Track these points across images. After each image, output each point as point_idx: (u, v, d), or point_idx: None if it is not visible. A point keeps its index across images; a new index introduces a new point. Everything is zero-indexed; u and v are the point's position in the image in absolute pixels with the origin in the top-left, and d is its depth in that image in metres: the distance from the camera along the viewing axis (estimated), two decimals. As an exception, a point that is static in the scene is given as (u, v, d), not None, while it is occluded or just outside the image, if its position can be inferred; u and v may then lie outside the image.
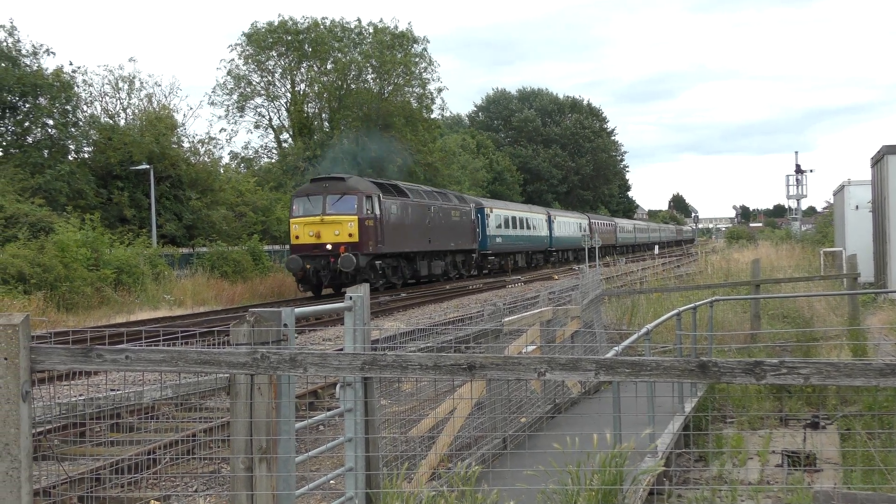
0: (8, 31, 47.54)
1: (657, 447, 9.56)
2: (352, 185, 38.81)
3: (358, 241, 37.29)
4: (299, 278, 37.87)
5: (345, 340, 6.76)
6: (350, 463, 6.56)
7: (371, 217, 38.29)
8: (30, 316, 4.67)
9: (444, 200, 49.28)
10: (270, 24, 66.70)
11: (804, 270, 32.79)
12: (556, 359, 4.44)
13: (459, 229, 50.64)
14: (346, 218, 37.56)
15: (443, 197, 50.13)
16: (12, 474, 4.42)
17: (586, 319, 15.59)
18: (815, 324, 20.39)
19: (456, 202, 51.55)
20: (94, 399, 7.71)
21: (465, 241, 51.55)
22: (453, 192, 55.60)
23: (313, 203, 38.38)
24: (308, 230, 37.78)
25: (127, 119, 55.03)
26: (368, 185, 39.88)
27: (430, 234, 45.14)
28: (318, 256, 37.23)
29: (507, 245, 61.05)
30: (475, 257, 54.39)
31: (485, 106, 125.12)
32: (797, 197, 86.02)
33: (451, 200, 50.79)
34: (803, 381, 4.23)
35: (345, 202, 38.04)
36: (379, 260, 39.44)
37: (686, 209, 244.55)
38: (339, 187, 38.66)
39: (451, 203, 50.22)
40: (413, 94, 70.32)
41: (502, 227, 59.76)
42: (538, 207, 77.18)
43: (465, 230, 51.81)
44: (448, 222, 48.62)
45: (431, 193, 48.50)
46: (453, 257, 50.25)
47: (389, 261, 40.98)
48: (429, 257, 45.84)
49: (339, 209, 37.86)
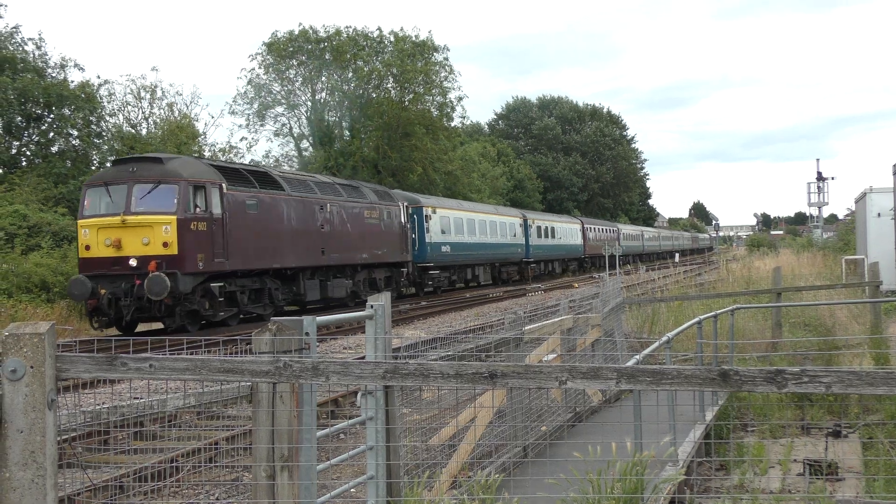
0: (36, 43, 48.06)
1: (678, 456, 9.54)
2: (172, 170, 26.27)
3: (178, 254, 25.24)
4: (91, 309, 25.54)
5: (366, 349, 6.79)
6: (371, 471, 6.59)
7: (203, 217, 26.25)
8: (55, 324, 4.72)
9: (351, 196, 36.30)
10: (291, 34, 66.90)
11: (826, 278, 32.66)
12: (577, 367, 4.45)
13: (380, 236, 37.94)
14: (159, 219, 25.37)
15: (350, 191, 37.00)
16: (38, 482, 4.46)
17: (607, 328, 15.58)
18: (837, 332, 20.31)
19: (375, 199, 38.45)
20: (117, 407, 7.77)
21: (389, 251, 38.77)
22: (371, 185, 42.43)
23: (114, 196, 25.97)
24: (103, 237, 25.60)
25: (149, 128, 55.33)
26: (202, 170, 27.31)
27: (325, 242, 32.72)
28: (118, 277, 25.25)
29: (459, 255, 49.15)
30: (408, 272, 41.99)
31: (505, 114, 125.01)
32: (818, 204, 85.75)
33: (365, 196, 37.73)
34: (825, 389, 4.23)
35: (160, 195, 25.73)
36: (220, 282, 27.15)
37: (707, 217, 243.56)
38: (152, 172, 26.21)
39: (364, 200, 37.23)
40: (433, 102, 70.36)
41: (451, 232, 48.21)
42: (509, 209, 65.04)
43: (391, 237, 39.03)
44: (359, 226, 35.94)
45: (329, 186, 35.33)
46: (368, 274, 37.53)
47: (245, 282, 28.80)
48: (323, 275, 33.34)
49: (149, 205, 25.63)
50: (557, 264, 69.68)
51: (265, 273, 29.65)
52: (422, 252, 44.04)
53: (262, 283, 29.63)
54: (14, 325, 4.57)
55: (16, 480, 4.44)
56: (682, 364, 14.86)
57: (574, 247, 73.37)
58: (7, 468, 4.45)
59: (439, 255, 46.15)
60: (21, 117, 45.67)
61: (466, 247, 50.17)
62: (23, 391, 4.45)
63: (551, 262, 68.17)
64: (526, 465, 9.25)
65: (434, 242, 45.44)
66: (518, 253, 59.38)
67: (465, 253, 50.09)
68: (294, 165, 67.95)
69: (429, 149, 66.07)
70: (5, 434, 4.45)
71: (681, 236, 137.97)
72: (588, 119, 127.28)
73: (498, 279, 56.54)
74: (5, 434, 4.45)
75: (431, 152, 66.46)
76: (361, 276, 36.67)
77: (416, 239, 43.61)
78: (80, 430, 11.00)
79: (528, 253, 60.97)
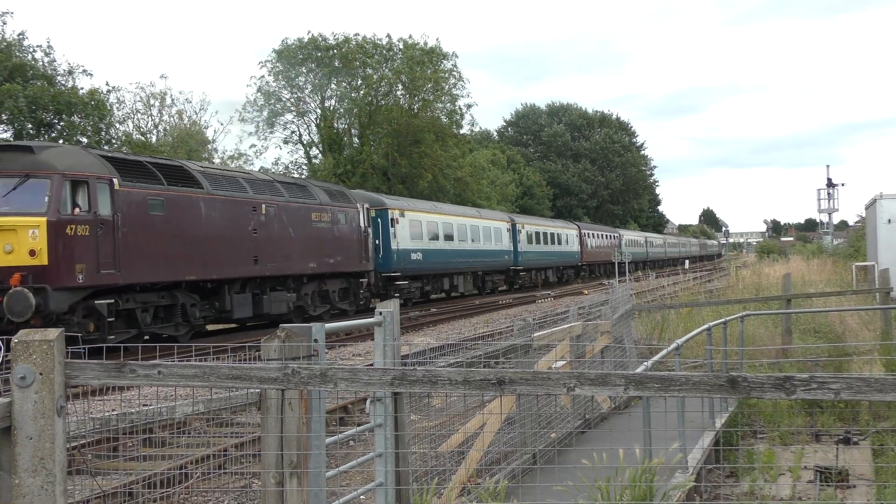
0: (44, 50, 48.25)
1: (688, 462, 9.52)
2: (45, 161, 21.64)
3: (48, 265, 20.72)
4: None
5: (375, 355, 6.80)
6: (380, 478, 6.59)
7: (85, 220, 21.62)
8: (64, 331, 4.73)
9: (295, 196, 31.37)
10: (300, 41, 67.07)
11: (836, 285, 32.59)
12: (586, 374, 4.45)
13: (333, 242, 32.95)
14: (25, 220, 20.78)
15: (294, 190, 31.91)
16: (47, 488, 4.47)
17: (616, 334, 15.57)
18: (847, 339, 20.28)
19: (326, 200, 33.26)
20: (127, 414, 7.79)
21: (345, 260, 33.80)
22: (323, 184, 37.56)
23: None
24: None
25: (158, 135, 55.51)
26: (85, 161, 22.51)
27: (258, 249, 28.03)
28: None
29: (433, 263, 44.26)
30: (368, 283, 36.60)
31: (514, 121, 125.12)
32: (828, 211, 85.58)
33: (313, 196, 32.58)
34: (834, 396, 4.22)
35: (27, 192, 21.18)
36: (109, 298, 22.33)
37: (716, 223, 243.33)
38: (18, 163, 21.61)
39: (312, 201, 32.19)
40: (443, 109, 70.42)
41: (423, 237, 43.38)
42: (495, 212, 59.79)
43: (347, 243, 34.07)
44: (306, 231, 31.09)
45: (267, 184, 30.34)
46: (318, 285, 32.75)
47: (148, 298, 24.11)
48: (258, 287, 28.56)
49: (14, 204, 21.01)
50: (552, 272, 65.08)
51: (177, 286, 24.84)
52: (386, 260, 39.35)
53: (172, 299, 24.87)
54: (23, 332, 4.58)
55: (25, 487, 4.45)
56: (692, 371, 14.85)
57: (570, 253, 69.40)
58: (17, 475, 4.46)
59: (408, 264, 41.30)
60: (31, 124, 45.80)
61: (442, 254, 45.30)
62: (32, 398, 4.46)
63: (544, 271, 63.67)
64: (535, 472, 9.24)
65: (402, 249, 40.70)
66: (505, 260, 54.92)
67: (441, 261, 45.20)
68: (303, 173, 68.08)
69: (438, 156, 66.10)
70: (15, 441, 4.47)
71: (688, 243, 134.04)
72: (597, 126, 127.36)
73: (482, 289, 52.33)
74: (15, 441, 4.47)
75: (441, 159, 66.50)
76: (309, 289, 32.01)
77: (381, 245, 39.12)
78: (89, 436, 11.01)
79: (517, 260, 56.60)
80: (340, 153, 66.15)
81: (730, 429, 12.78)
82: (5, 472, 4.50)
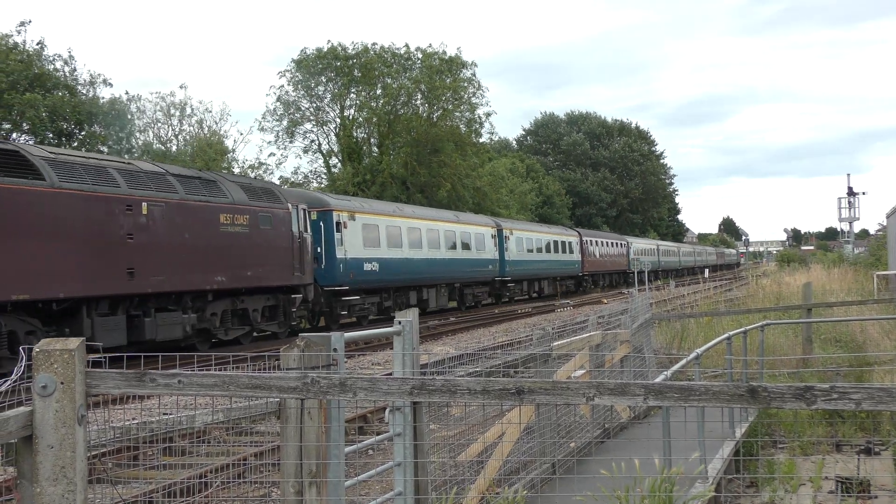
0: (65, 60, 48.58)
1: (707, 472, 9.48)
2: None
3: None
4: None
5: (394, 365, 6.80)
6: (399, 487, 6.59)
7: None
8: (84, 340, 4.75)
9: (194, 192, 25.02)
10: (320, 51, 67.25)
11: (857, 294, 32.43)
12: (605, 383, 4.44)
13: (252, 250, 26.80)
14: None
15: (194, 185, 25.33)
16: (68, 497, 4.49)
17: (636, 344, 15.52)
18: (869, 348, 20.15)
19: (242, 198, 26.98)
20: (147, 423, 7.80)
21: (270, 271, 27.75)
22: (240, 179, 30.88)
23: None
24: None
25: (178, 145, 55.78)
26: None
27: (134, 259, 22.48)
28: None
29: (395, 276, 37.76)
30: (304, 299, 30.74)
31: (533, 130, 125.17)
32: (849, 219, 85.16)
33: (224, 194, 26.21)
34: (855, 406, 4.20)
35: None
36: None
37: (736, 232, 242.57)
38: None
39: (221, 199, 25.90)
40: (462, 118, 70.48)
41: (381, 244, 36.92)
42: (477, 217, 52.54)
43: (274, 251, 27.96)
44: (211, 236, 25.14)
45: (151, 177, 24.09)
46: (233, 303, 26.82)
47: None
48: (137, 308, 23.07)
49: None
50: (547, 284, 59.04)
51: (1, 310, 19.23)
52: (331, 271, 33.07)
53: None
54: (45, 342, 4.61)
55: (47, 496, 4.47)
56: (712, 380, 14.78)
57: (568, 263, 63.41)
58: (38, 483, 4.48)
59: (361, 276, 34.84)
60: (53, 134, 46.11)
61: (407, 264, 38.86)
62: (53, 407, 4.48)
63: (538, 282, 57.81)
64: (554, 482, 9.21)
65: (352, 258, 34.28)
66: (489, 270, 48.64)
67: (405, 272, 38.81)
68: (323, 182, 68.21)
69: (457, 165, 66.18)
70: (36, 450, 4.49)
71: (704, 251, 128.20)
72: (616, 134, 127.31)
73: (462, 303, 46.86)
74: (36, 450, 4.49)
75: (460, 168, 66.56)
76: (218, 308, 26.02)
77: (324, 254, 33.05)
78: (109, 445, 11.04)
79: (504, 270, 50.42)
80: (360, 162, 66.29)
81: (750, 439, 12.73)
82: (27, 480, 4.52)
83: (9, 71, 44.10)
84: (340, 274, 33.47)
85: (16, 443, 4.56)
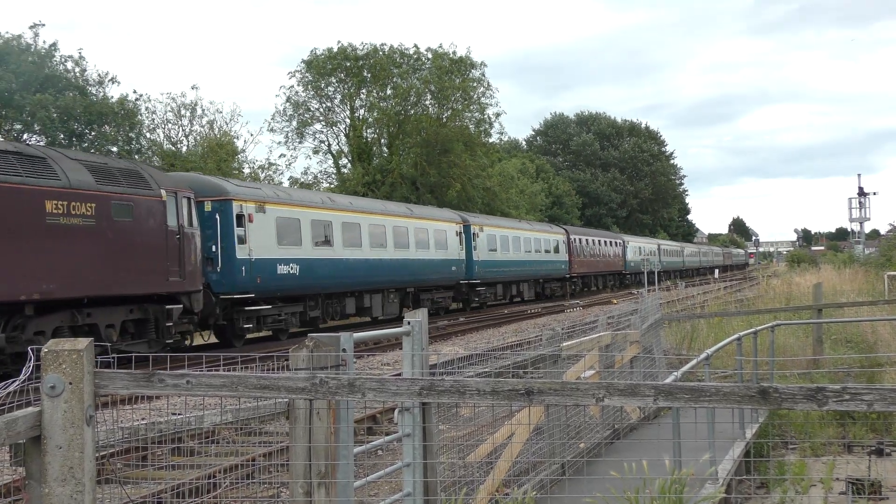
0: (75, 61, 48.70)
1: (718, 474, 9.45)
2: None
3: None
4: None
5: (403, 365, 6.79)
6: (408, 488, 6.57)
7: None
8: (93, 341, 4.75)
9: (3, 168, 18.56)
10: (330, 51, 67.25)
11: (868, 294, 32.34)
12: (615, 384, 4.42)
13: (106, 248, 20.84)
14: None
15: (8, 161, 18.86)
16: (77, 497, 4.48)
17: (646, 344, 15.49)
18: (880, 349, 20.09)
19: (88, 182, 20.55)
20: (155, 423, 7.79)
21: (135, 277, 21.77)
22: (89, 158, 23.34)
23: None
24: None
25: (189, 145, 55.86)
26: None
27: None
28: None
29: (320, 279, 31.35)
30: (188, 310, 24.17)
31: (543, 130, 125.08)
32: (860, 220, 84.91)
33: (54, 175, 19.81)
34: (866, 407, 4.17)
35: None
36: None
37: (746, 233, 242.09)
38: None
39: (49, 181, 19.51)
40: (471, 118, 70.44)
41: (302, 243, 30.49)
42: (438, 211, 46.05)
43: (140, 251, 21.95)
44: (33, 231, 18.97)
45: None
46: (72, 318, 20.37)
47: None
48: None
49: None
50: (526, 286, 52.92)
51: None
52: (229, 275, 26.89)
53: None
54: (53, 342, 4.60)
55: (55, 496, 4.47)
56: (722, 381, 14.74)
57: (554, 263, 57.95)
58: (46, 484, 4.47)
59: (273, 281, 28.66)
60: (63, 134, 46.22)
61: (339, 265, 32.51)
62: (62, 407, 4.47)
63: (515, 284, 51.45)
64: (564, 483, 9.19)
65: (259, 259, 27.93)
66: (453, 272, 42.79)
67: (336, 275, 32.45)
68: (333, 183, 68.22)
69: (467, 165, 66.12)
70: (45, 450, 4.48)
71: (710, 251, 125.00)
72: (626, 135, 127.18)
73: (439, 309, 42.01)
74: (45, 450, 4.48)
75: (470, 169, 66.50)
76: (45, 325, 19.68)
77: (219, 254, 26.78)
78: (118, 445, 11.05)
79: (472, 272, 44.75)
80: (370, 163, 66.29)
81: (760, 440, 12.69)
82: (35, 481, 4.51)
83: (20, 72, 44.25)
84: (242, 278, 27.20)
85: (24, 443, 4.55)
